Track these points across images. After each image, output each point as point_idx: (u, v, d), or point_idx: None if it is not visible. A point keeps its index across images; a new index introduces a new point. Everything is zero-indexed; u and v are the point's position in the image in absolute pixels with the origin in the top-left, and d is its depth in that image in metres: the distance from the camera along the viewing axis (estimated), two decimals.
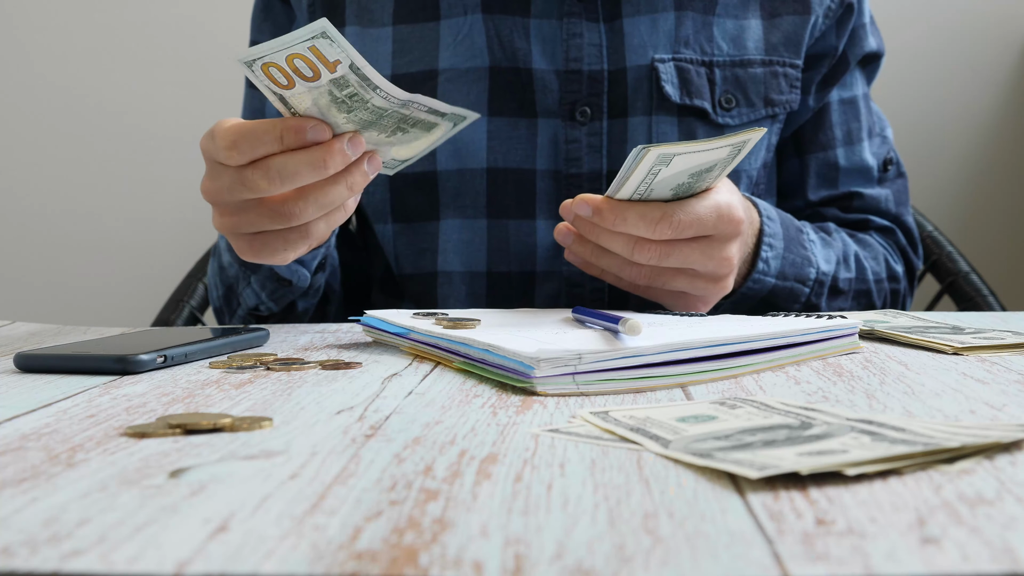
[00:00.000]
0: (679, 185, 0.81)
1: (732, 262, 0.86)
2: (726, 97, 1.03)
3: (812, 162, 1.11)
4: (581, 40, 1.01)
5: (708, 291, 0.87)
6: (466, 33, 1.01)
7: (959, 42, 1.83)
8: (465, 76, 1.01)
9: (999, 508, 0.35)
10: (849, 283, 1.04)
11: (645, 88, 1.01)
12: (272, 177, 0.75)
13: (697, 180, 0.81)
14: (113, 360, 0.66)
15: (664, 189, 0.81)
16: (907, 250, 1.14)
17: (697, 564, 0.31)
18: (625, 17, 1.02)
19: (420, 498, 0.38)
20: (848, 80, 1.11)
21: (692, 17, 1.03)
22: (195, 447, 0.46)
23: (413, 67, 1.02)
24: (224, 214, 0.80)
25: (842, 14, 1.08)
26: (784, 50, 1.05)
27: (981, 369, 0.64)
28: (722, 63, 1.03)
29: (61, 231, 1.88)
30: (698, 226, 0.83)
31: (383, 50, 1.03)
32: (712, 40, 1.03)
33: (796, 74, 1.06)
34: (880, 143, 1.13)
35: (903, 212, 1.14)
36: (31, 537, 0.33)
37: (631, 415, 0.50)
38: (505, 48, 1.01)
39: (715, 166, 0.81)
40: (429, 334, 0.71)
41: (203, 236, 1.67)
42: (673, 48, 1.02)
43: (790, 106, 1.07)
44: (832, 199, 1.12)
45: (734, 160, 0.82)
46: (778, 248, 0.96)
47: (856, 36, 1.10)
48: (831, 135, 1.11)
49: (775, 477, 0.39)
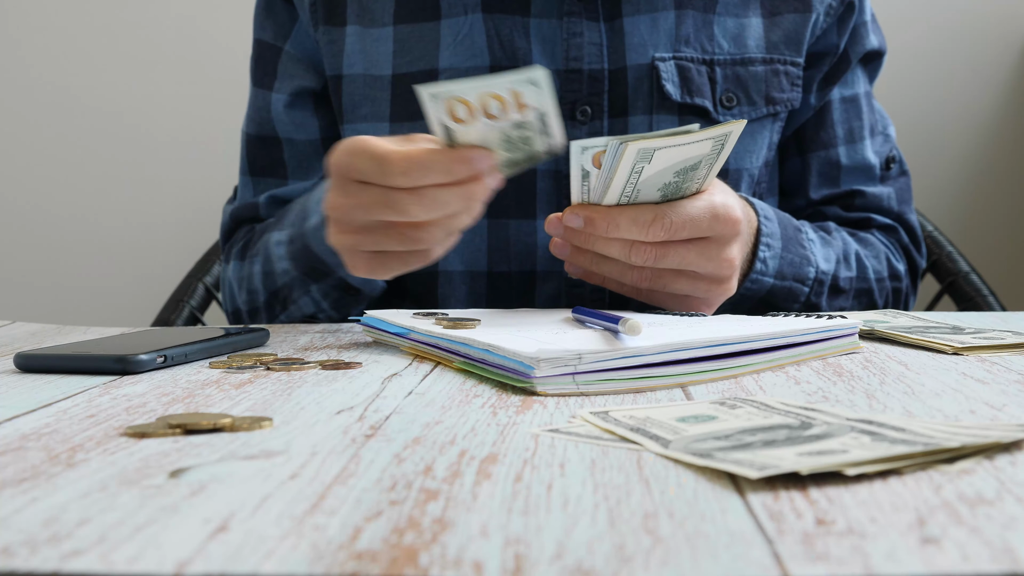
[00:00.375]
0: (666, 185, 0.80)
1: (733, 263, 0.86)
2: (727, 96, 1.03)
3: (814, 161, 1.11)
4: (581, 39, 1.01)
5: (711, 293, 0.86)
6: (466, 33, 1.01)
7: (959, 42, 1.83)
8: (465, 75, 1.01)
9: (999, 508, 0.35)
10: (850, 282, 1.04)
11: (646, 87, 1.01)
12: (427, 205, 0.74)
13: (684, 180, 0.81)
14: (113, 360, 0.66)
15: (651, 190, 0.80)
16: (910, 248, 1.13)
17: (697, 564, 0.31)
18: (625, 16, 1.02)
19: (420, 498, 0.38)
20: (850, 78, 1.11)
21: (692, 16, 1.03)
22: (195, 447, 0.46)
23: (413, 66, 1.02)
24: (346, 232, 0.79)
25: (843, 12, 1.08)
26: (785, 48, 1.05)
27: (981, 369, 0.64)
28: (723, 61, 1.03)
29: (61, 231, 1.88)
30: (692, 227, 0.82)
31: (383, 50, 1.03)
32: (713, 39, 1.03)
33: (797, 72, 1.06)
34: (882, 141, 1.13)
35: (906, 210, 1.14)
36: (31, 537, 0.33)
37: (631, 415, 0.50)
38: (505, 47, 1.01)
39: (700, 163, 0.80)
40: (429, 334, 0.71)
41: (203, 236, 1.67)
42: (674, 47, 1.02)
43: (791, 104, 1.06)
44: (834, 198, 1.12)
45: (719, 156, 0.81)
46: (776, 248, 0.96)
47: (857, 34, 1.10)
48: (833, 133, 1.11)
49: (775, 477, 0.39)
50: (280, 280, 1.00)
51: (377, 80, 1.03)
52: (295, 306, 1.01)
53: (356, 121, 1.05)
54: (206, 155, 1.86)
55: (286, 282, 0.99)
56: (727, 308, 0.96)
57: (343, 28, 1.04)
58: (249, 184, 1.12)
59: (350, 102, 1.04)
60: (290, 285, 0.99)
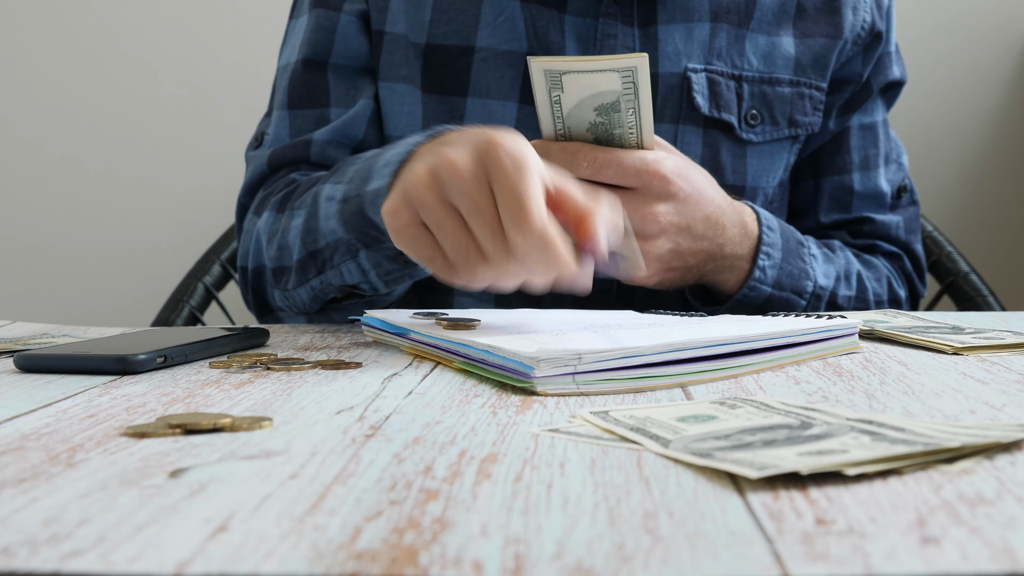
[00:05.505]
0: (593, 125, 0.84)
1: (659, 221, 0.86)
2: (751, 113, 1.03)
3: (827, 184, 1.11)
4: (615, 42, 1.00)
5: (641, 251, 0.84)
6: (507, 16, 1.01)
7: (959, 42, 1.83)
8: (502, 58, 1.00)
9: (999, 508, 0.35)
10: (848, 301, 1.04)
11: (676, 96, 1.01)
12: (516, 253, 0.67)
13: (611, 123, 0.84)
14: (113, 360, 0.66)
15: (581, 129, 0.85)
16: (912, 277, 1.13)
17: (697, 563, 0.31)
18: (660, 24, 1.01)
19: (420, 498, 0.38)
20: (869, 106, 1.11)
21: (727, 29, 1.02)
22: (195, 447, 0.46)
23: (449, 39, 1.01)
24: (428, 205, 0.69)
25: (870, 42, 1.08)
26: (812, 72, 1.05)
27: (981, 369, 0.64)
28: (751, 79, 1.03)
29: (61, 231, 1.88)
30: (617, 169, 0.84)
31: (421, 17, 1.02)
32: (743, 54, 1.03)
33: (821, 97, 1.06)
34: (896, 170, 1.14)
35: (912, 240, 1.14)
36: (31, 537, 0.33)
37: (631, 415, 0.50)
38: (540, 39, 1.00)
39: (619, 103, 0.82)
40: (429, 334, 0.71)
41: (203, 236, 1.67)
42: (706, 59, 1.02)
43: (811, 128, 1.07)
44: (843, 223, 1.12)
45: (638, 98, 0.83)
46: (776, 258, 0.97)
47: (881, 64, 1.10)
48: (848, 159, 1.11)
49: (775, 477, 0.39)
50: (323, 240, 0.89)
51: (413, 46, 1.02)
52: (334, 271, 0.89)
53: (394, 80, 1.03)
54: (207, 155, 1.86)
55: (331, 242, 0.88)
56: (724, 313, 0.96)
57: None
58: (286, 119, 1.05)
59: (388, 60, 1.03)
60: (334, 247, 0.88)
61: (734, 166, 1.04)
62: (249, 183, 1.06)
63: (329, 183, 0.90)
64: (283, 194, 0.99)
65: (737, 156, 1.04)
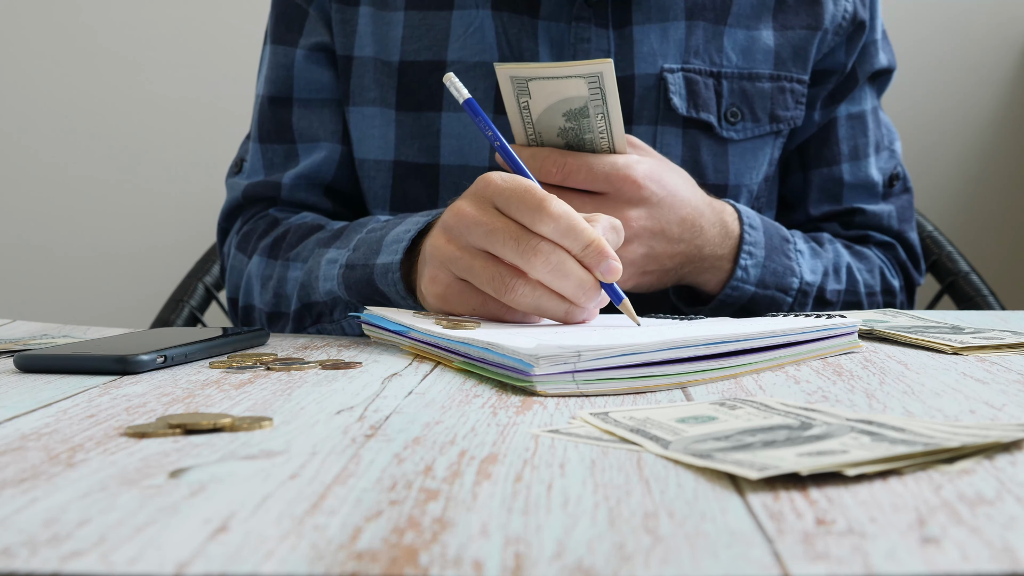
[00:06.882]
0: (563, 130, 0.84)
1: (631, 226, 0.86)
2: (731, 110, 1.02)
3: (816, 177, 1.10)
4: (589, 45, 1.00)
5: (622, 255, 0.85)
6: (476, 27, 1.00)
7: (959, 42, 1.83)
8: (473, 70, 1.00)
9: (999, 508, 0.35)
10: (838, 294, 1.03)
11: (652, 98, 1.01)
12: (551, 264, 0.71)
13: (581, 128, 0.83)
14: (113, 360, 0.66)
15: (550, 133, 0.85)
16: (907, 265, 1.12)
17: (697, 563, 0.31)
18: (635, 24, 1.00)
19: (420, 498, 0.38)
20: (857, 95, 1.10)
21: (703, 27, 1.02)
22: (195, 447, 0.46)
23: (421, 55, 1.01)
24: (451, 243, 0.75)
25: (852, 31, 1.07)
26: (792, 64, 1.04)
27: (981, 369, 0.64)
28: (730, 75, 1.02)
29: (61, 231, 1.88)
30: (587, 174, 0.84)
31: (394, 35, 1.02)
32: (722, 51, 1.02)
33: (802, 90, 1.05)
34: (887, 157, 1.12)
35: (906, 228, 1.13)
36: (31, 537, 0.33)
37: (631, 416, 0.50)
38: (513, 47, 1.00)
39: (587, 109, 0.82)
40: (429, 333, 0.71)
41: (203, 236, 1.67)
42: (683, 57, 1.01)
43: (794, 122, 1.06)
44: (834, 214, 1.11)
45: (606, 103, 0.83)
46: (758, 256, 0.96)
47: (867, 52, 1.09)
48: (837, 151, 1.10)
49: (775, 477, 0.39)
50: (320, 297, 0.93)
51: (386, 66, 1.02)
52: (333, 324, 0.94)
53: (363, 104, 1.03)
54: (206, 156, 1.86)
55: (327, 300, 0.93)
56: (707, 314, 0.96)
57: (357, 8, 1.03)
58: (259, 152, 1.08)
59: (358, 84, 1.03)
60: (332, 304, 0.93)
61: (716, 165, 1.03)
62: (228, 209, 1.11)
63: (331, 247, 0.94)
64: (273, 238, 1.02)
65: (718, 155, 1.03)
